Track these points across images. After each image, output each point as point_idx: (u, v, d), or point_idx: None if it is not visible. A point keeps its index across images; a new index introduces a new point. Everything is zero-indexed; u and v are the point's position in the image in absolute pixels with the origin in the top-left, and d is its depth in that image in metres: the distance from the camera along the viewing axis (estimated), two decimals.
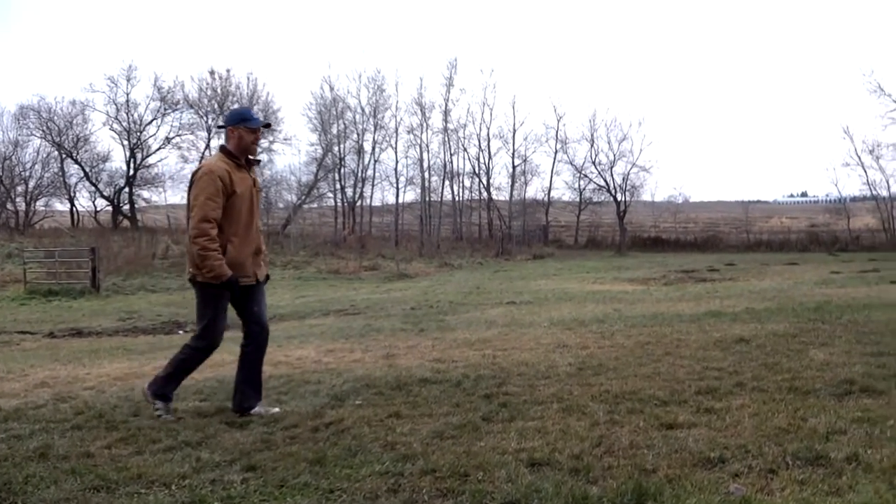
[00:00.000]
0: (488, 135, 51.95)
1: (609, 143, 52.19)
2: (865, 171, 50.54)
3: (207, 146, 45.30)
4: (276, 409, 5.47)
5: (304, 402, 5.61)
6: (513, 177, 51.70)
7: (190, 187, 5.43)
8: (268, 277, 5.77)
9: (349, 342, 9.05)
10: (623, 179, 51.27)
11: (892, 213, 50.15)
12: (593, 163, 51.90)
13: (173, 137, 47.57)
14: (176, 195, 51.62)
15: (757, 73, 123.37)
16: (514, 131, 51.81)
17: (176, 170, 49.89)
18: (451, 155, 51.28)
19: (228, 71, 47.06)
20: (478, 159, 51.76)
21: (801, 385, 5.42)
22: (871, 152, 49.96)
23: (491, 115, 55.62)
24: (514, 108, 74.08)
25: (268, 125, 5.87)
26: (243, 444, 4.51)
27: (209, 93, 46.91)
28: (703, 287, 17.20)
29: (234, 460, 4.15)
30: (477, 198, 52.84)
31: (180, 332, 13.10)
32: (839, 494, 3.27)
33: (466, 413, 5.01)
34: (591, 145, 51.92)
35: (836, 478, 3.45)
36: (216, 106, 45.94)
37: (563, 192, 54.68)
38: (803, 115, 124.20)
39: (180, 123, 47.61)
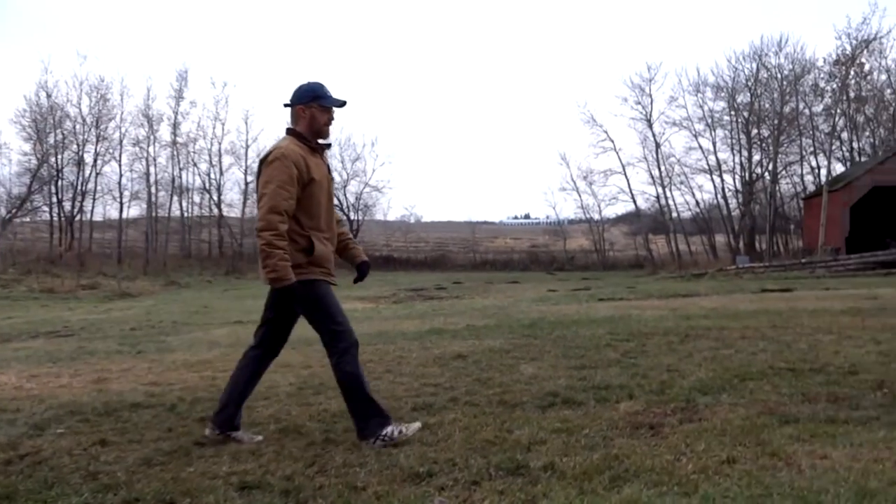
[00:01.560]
0: (220, 150, 50.82)
1: (342, 162, 52.75)
2: (580, 196, 54.77)
3: None
4: (417, 424, 4.82)
5: None
6: (245, 193, 50.83)
7: (258, 175, 4.77)
8: (368, 267, 5.41)
9: (56, 366, 8.46)
10: (356, 198, 51.95)
11: (603, 234, 54.33)
12: None
13: None
14: None
15: (485, 99, 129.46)
16: (248, 147, 51.09)
17: None
18: (180, 169, 49.68)
19: None
20: (209, 175, 50.50)
21: (509, 398, 5.70)
22: (584, 178, 54.09)
23: (223, 129, 54.37)
24: (247, 122, 73.06)
25: (343, 104, 5.00)
26: None
27: None
28: (429, 305, 17.72)
29: None
30: (207, 214, 51.41)
31: None
32: (534, 502, 3.45)
33: (179, 438, 4.84)
34: None
35: (532, 486, 3.64)
36: None
37: None
38: (526, 142, 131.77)
39: None
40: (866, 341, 8.12)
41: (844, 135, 49.81)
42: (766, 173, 50.29)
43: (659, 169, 52.06)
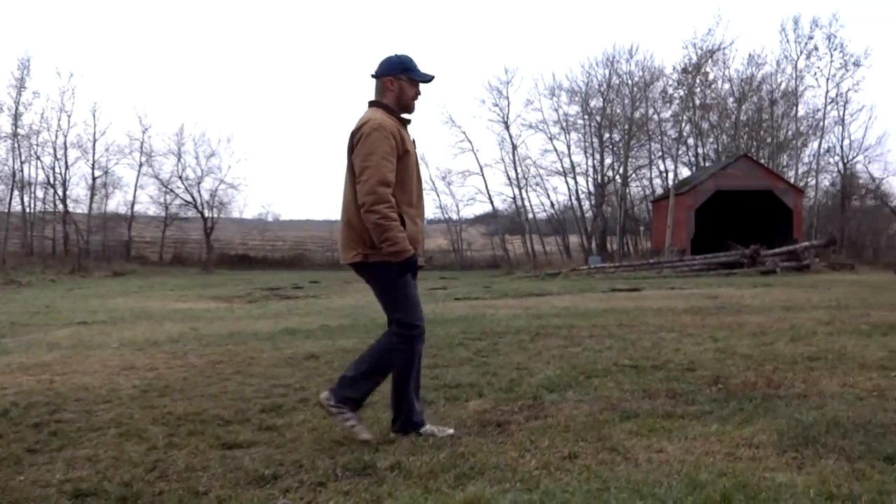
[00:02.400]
0: (65, 143, 48.48)
1: (197, 158, 51.30)
2: (438, 196, 54.96)
3: None
4: (451, 430, 4.63)
5: None
6: (92, 189, 48.72)
7: (350, 149, 4.50)
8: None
9: None
10: (211, 195, 50.66)
11: (461, 234, 54.94)
12: (180, 177, 50.66)
13: None
14: None
15: (346, 98, 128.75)
16: (95, 141, 48.89)
17: None
18: (21, 163, 47.06)
19: None
20: (53, 169, 48.08)
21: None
22: (443, 178, 54.49)
23: (69, 122, 51.79)
24: (94, 115, 69.88)
25: (432, 79, 4.70)
26: None
27: None
28: (285, 304, 17.47)
29: None
30: (52, 210, 49.04)
31: None
32: (379, 502, 3.45)
33: (9, 445, 4.58)
34: (179, 159, 50.68)
35: (378, 486, 3.63)
36: None
37: (148, 207, 52.71)
38: None
39: None
40: (705, 339, 8.50)
41: (690, 140, 52.05)
42: (618, 176, 52.03)
43: (515, 170, 53.11)
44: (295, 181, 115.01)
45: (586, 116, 52.19)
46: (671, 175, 49.37)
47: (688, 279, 26.29)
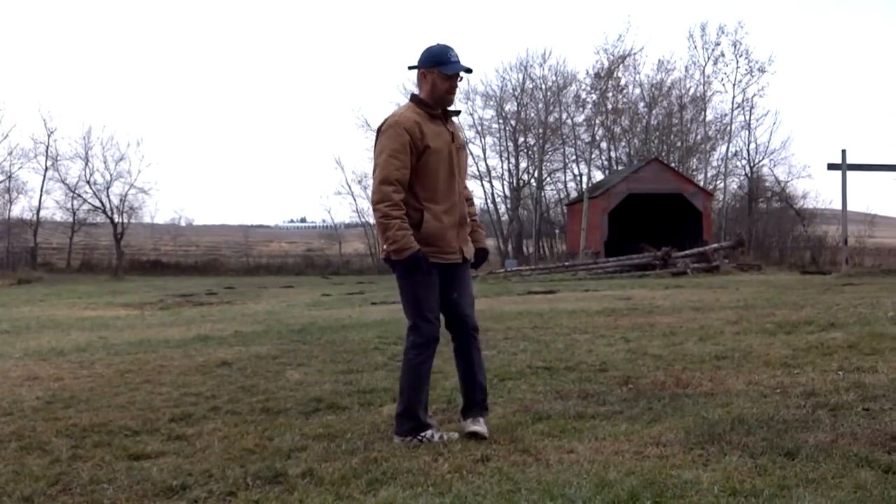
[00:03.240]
0: None
1: (105, 163, 49.87)
2: (355, 200, 54.68)
3: None
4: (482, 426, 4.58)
5: None
6: None
7: (375, 144, 4.51)
8: (485, 255, 4.93)
9: None
10: (121, 200, 49.36)
11: (378, 239, 54.78)
12: (88, 182, 49.21)
13: None
14: None
15: (260, 101, 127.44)
16: None
17: None
18: None
19: None
20: None
21: (273, 405, 5.62)
22: (359, 182, 54.14)
23: None
24: None
25: (469, 70, 4.53)
26: None
27: None
28: (198, 311, 17.18)
29: None
30: None
31: None
32: None
33: None
34: (86, 164, 49.22)
35: (289, 494, 3.60)
36: None
37: (55, 212, 51.05)
38: (301, 146, 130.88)
39: None
40: (617, 340, 8.65)
41: (603, 144, 52.87)
42: (533, 180, 52.53)
43: None
44: (209, 185, 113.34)
45: (501, 120, 52.58)
46: (585, 178, 50.13)
47: (602, 281, 26.71)
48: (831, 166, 28.97)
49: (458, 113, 4.81)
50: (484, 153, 53.06)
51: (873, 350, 7.25)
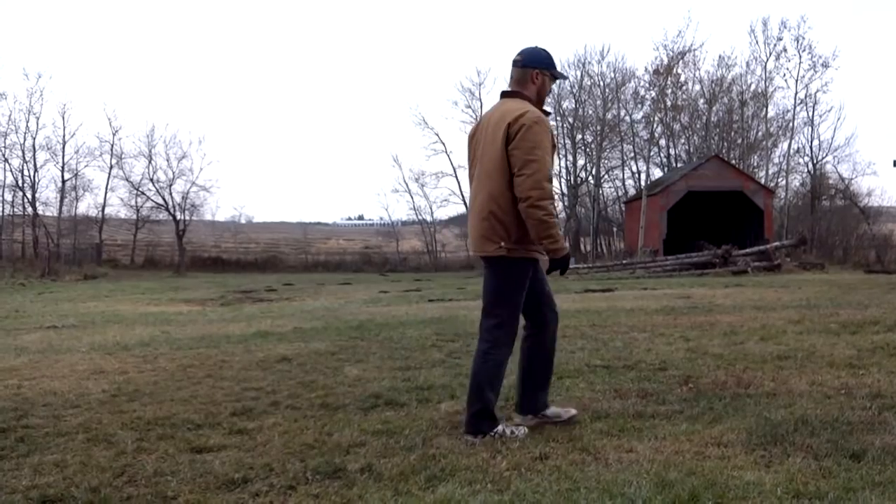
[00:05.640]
0: (34, 145, 47.90)
1: (168, 161, 50.88)
2: (412, 198, 55.07)
3: None
4: (574, 411, 4.80)
5: None
6: (62, 191, 48.32)
7: (507, 140, 4.40)
8: None
9: None
10: (183, 198, 50.24)
11: (435, 236, 54.93)
12: (151, 180, 50.23)
13: None
14: None
15: (318, 100, 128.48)
16: (65, 143, 48.45)
17: None
18: None
19: None
20: (22, 171, 47.53)
21: (332, 401, 5.66)
22: (416, 180, 54.45)
23: (38, 123, 50.88)
24: (64, 117, 68.90)
25: (566, 78, 4.85)
26: None
27: None
28: (258, 307, 17.38)
29: None
30: (21, 213, 48.45)
31: None
32: None
33: None
34: (150, 162, 50.23)
35: (348, 489, 3.63)
36: None
37: (119, 210, 52.20)
38: (359, 143, 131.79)
39: None
40: (676, 339, 8.54)
41: (662, 141, 52.41)
42: (590, 177, 52.27)
43: None
44: (268, 183, 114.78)
45: (559, 118, 52.35)
46: (643, 176, 49.73)
47: (660, 279, 26.44)
48: None
49: (549, 115, 4.82)
50: None
51: None
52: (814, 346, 7.52)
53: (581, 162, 52.84)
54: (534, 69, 4.65)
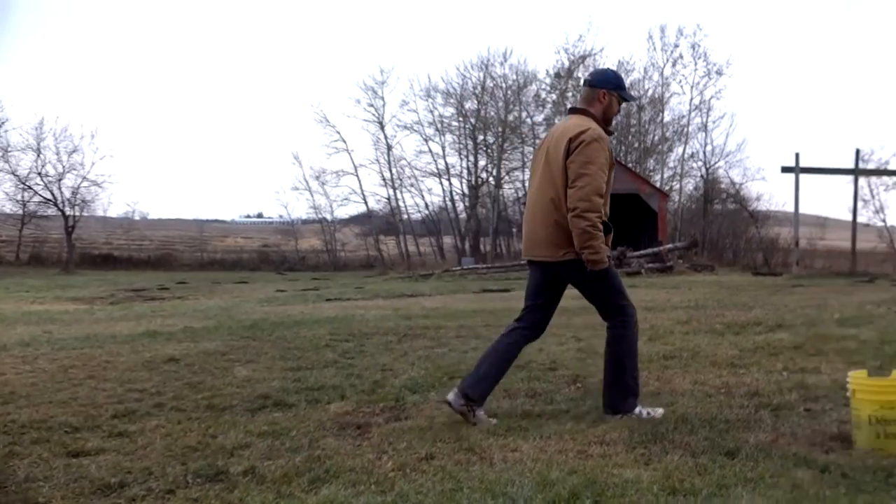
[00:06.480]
0: None
1: (58, 154, 48.99)
2: (312, 196, 54.38)
3: None
4: (661, 410, 4.88)
5: None
6: None
7: (567, 153, 4.66)
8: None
9: None
10: (73, 193, 48.49)
11: (335, 235, 54.54)
12: (39, 174, 48.29)
13: None
14: None
15: (217, 96, 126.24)
16: None
17: None
18: None
19: None
20: None
21: (219, 402, 5.55)
22: (317, 178, 53.87)
23: None
24: None
25: (637, 100, 4.71)
26: None
27: None
28: (149, 306, 16.93)
29: None
30: None
31: None
32: None
33: None
34: (38, 155, 48.26)
35: (229, 492, 3.55)
36: None
37: (4, 204, 50.05)
38: (259, 140, 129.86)
39: None
40: (569, 339, 8.68)
41: None
42: (491, 178, 52.65)
43: (390, 171, 53.01)
44: (164, 179, 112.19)
45: (461, 118, 52.59)
46: None
47: None
48: (785, 169, 29.46)
49: (613, 134, 5.14)
50: (443, 150, 53.07)
51: (818, 351, 7.36)
52: (699, 346, 7.74)
53: (482, 163, 53.19)
54: (601, 89, 4.91)
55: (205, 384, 6.30)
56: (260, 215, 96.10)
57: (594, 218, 4.60)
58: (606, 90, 4.91)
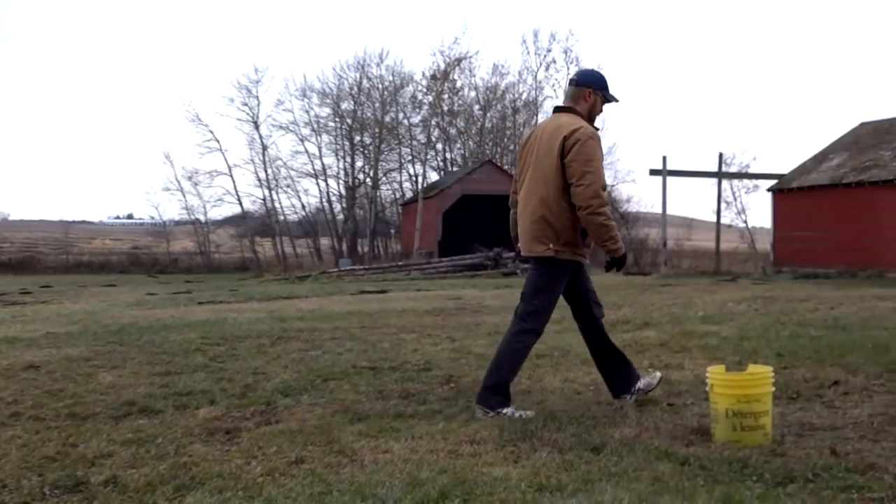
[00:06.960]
0: None
1: None
2: (185, 196, 53.01)
3: None
4: (659, 374, 5.33)
5: None
6: None
7: (562, 152, 4.79)
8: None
9: None
10: None
11: (209, 236, 53.37)
12: None
13: None
14: None
15: (82, 93, 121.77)
16: None
17: None
18: None
19: None
20: None
21: (81, 410, 5.34)
22: (189, 178, 52.57)
23: None
24: None
25: (617, 101, 4.93)
26: None
27: None
28: (9, 311, 16.15)
29: None
30: None
31: None
32: None
33: None
34: None
35: (89, 503, 3.43)
36: None
37: None
38: (128, 139, 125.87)
39: None
40: (443, 339, 8.74)
41: (439, 145, 53.45)
42: (368, 179, 52.52)
43: (266, 171, 52.19)
44: (27, 179, 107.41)
45: (337, 119, 52.25)
46: (420, 179, 50.57)
47: (434, 281, 26.98)
48: (653, 172, 30.50)
49: (598, 130, 5.17)
50: (320, 151, 52.60)
51: (682, 348, 7.64)
52: (570, 345, 7.89)
53: (359, 164, 52.97)
54: (587, 88, 5.06)
55: (66, 392, 6.05)
56: (130, 216, 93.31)
57: (607, 212, 4.79)
58: (592, 90, 5.06)
